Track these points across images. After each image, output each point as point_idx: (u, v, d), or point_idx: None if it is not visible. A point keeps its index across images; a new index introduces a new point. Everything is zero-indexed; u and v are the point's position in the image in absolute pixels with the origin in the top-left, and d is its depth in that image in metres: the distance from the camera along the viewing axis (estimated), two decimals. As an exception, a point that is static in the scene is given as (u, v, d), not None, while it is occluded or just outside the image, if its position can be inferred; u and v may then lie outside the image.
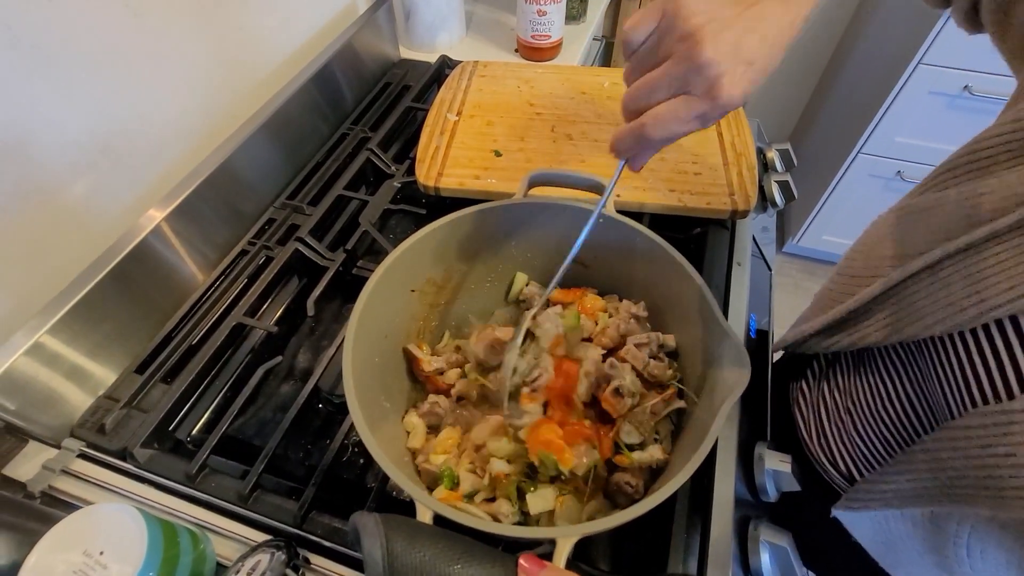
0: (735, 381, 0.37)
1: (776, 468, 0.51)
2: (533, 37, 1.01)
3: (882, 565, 0.53)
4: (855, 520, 0.51)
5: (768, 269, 0.76)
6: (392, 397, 0.49)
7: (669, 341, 0.51)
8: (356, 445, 0.55)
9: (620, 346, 0.52)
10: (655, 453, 0.46)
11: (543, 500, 0.42)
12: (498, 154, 0.72)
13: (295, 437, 0.56)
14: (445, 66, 0.96)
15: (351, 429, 0.53)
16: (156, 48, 0.63)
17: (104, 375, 0.59)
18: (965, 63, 1.27)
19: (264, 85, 0.80)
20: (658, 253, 0.49)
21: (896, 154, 1.48)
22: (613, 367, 0.48)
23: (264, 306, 0.66)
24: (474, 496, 0.44)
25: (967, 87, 1.29)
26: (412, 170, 0.73)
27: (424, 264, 0.51)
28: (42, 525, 0.39)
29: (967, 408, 0.38)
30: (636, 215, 0.67)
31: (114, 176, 0.62)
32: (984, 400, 0.36)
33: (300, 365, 0.63)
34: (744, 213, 0.66)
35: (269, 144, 0.75)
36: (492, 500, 0.44)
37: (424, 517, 0.33)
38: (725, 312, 0.61)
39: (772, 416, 0.57)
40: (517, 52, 1.08)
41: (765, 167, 0.81)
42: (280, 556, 0.44)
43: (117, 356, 0.60)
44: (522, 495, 0.43)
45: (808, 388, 0.58)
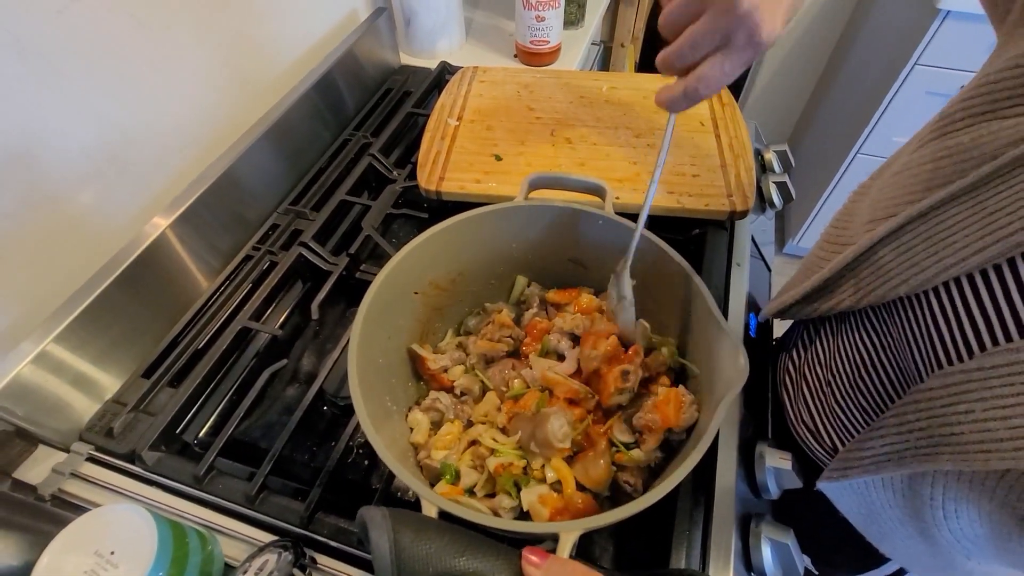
0: (733, 377, 0.38)
1: (777, 466, 0.52)
2: (532, 42, 1.02)
3: (868, 539, 0.54)
4: (839, 492, 0.52)
5: (768, 270, 0.77)
6: (396, 397, 0.50)
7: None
8: (361, 446, 0.56)
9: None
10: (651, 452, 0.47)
11: (535, 494, 0.43)
12: (498, 158, 0.73)
13: (301, 439, 0.57)
14: (445, 72, 0.97)
15: (356, 430, 0.54)
16: (161, 57, 0.64)
17: (111, 380, 0.59)
18: (961, 63, 1.28)
19: (266, 93, 0.81)
20: (656, 253, 0.50)
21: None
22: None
23: (269, 310, 0.67)
24: (474, 490, 0.44)
25: (963, 87, 1.30)
26: (414, 175, 0.74)
27: (426, 267, 0.52)
28: (53, 526, 0.40)
29: (933, 370, 0.40)
30: (634, 216, 0.68)
31: (120, 184, 0.63)
32: (949, 361, 0.38)
33: (305, 368, 0.63)
34: (743, 214, 0.66)
35: (272, 151, 0.76)
36: (493, 496, 0.45)
37: (429, 513, 0.34)
38: (724, 313, 0.62)
39: (772, 404, 0.58)
40: (516, 57, 1.09)
41: (763, 168, 0.82)
42: (287, 556, 0.45)
43: (124, 361, 0.61)
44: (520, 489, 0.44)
45: (794, 368, 0.59)
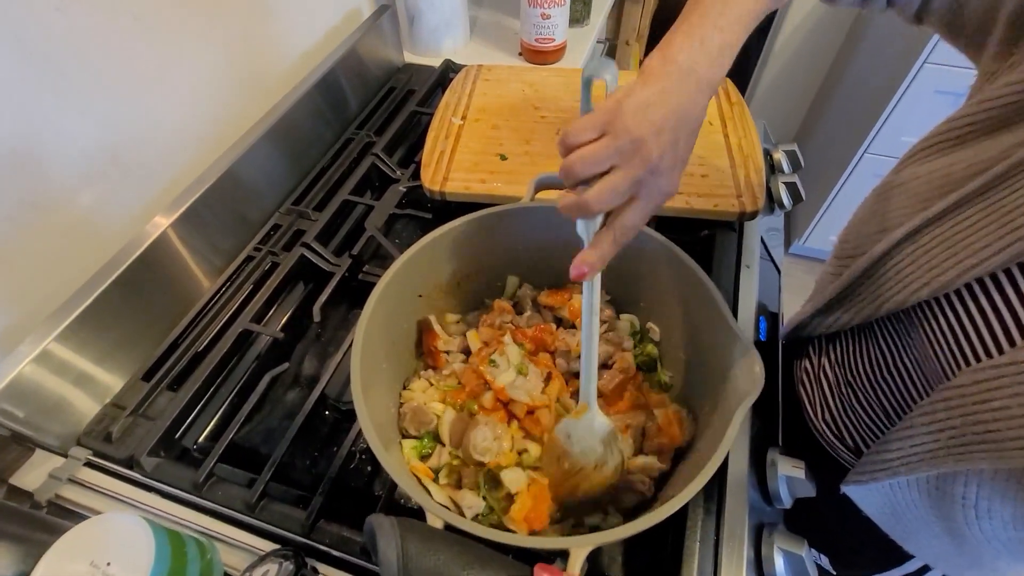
0: (748, 387, 0.37)
1: (789, 474, 0.50)
2: (537, 40, 1.01)
3: (892, 537, 0.53)
4: (863, 494, 0.51)
5: (777, 271, 0.76)
6: (399, 401, 0.49)
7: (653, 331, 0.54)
8: (363, 452, 0.54)
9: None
10: (652, 462, 0.46)
11: (516, 478, 0.42)
12: (503, 158, 0.72)
13: (302, 445, 0.56)
14: (449, 70, 0.96)
15: (358, 436, 0.53)
16: (163, 57, 0.63)
17: (111, 382, 0.58)
18: (971, 62, 1.26)
19: (269, 92, 0.80)
20: (666, 256, 0.49)
21: (901, 153, 1.47)
22: None
23: (270, 312, 0.66)
24: (438, 474, 0.44)
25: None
26: (417, 175, 0.72)
27: (431, 269, 0.51)
28: (49, 536, 0.39)
29: (960, 368, 0.39)
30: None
31: (123, 185, 0.62)
32: (976, 358, 0.38)
33: (306, 372, 0.62)
34: (752, 215, 0.65)
35: (274, 150, 0.75)
36: (458, 488, 0.44)
37: (435, 525, 0.33)
38: (734, 316, 0.61)
39: (783, 401, 0.58)
40: (521, 56, 1.07)
41: (772, 168, 0.81)
42: (288, 566, 0.44)
43: (124, 363, 0.60)
44: (496, 483, 0.43)
45: (811, 366, 0.59)
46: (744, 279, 0.64)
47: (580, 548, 0.31)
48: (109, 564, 0.37)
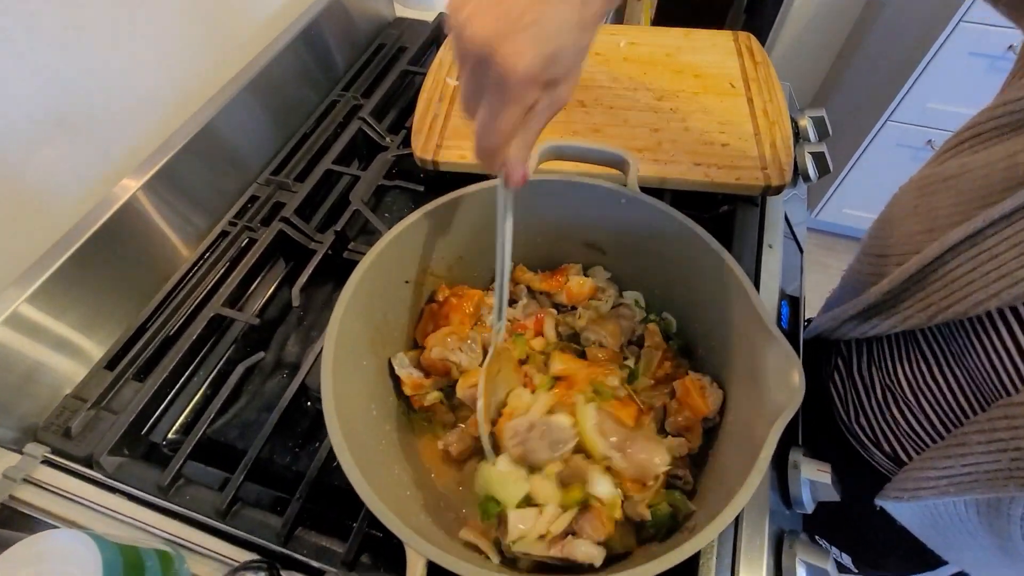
0: (784, 399, 0.31)
1: (814, 479, 0.46)
2: (541, -8, 0.92)
3: (930, 547, 0.50)
4: (901, 507, 0.47)
5: (799, 250, 0.70)
6: (382, 403, 0.44)
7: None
8: (348, 449, 0.50)
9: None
10: (679, 440, 0.41)
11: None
12: (503, 123, 0.65)
13: (281, 440, 0.51)
14: (444, 25, 0.87)
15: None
16: (118, 8, 0.55)
17: (71, 371, 0.53)
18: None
19: (243, 48, 0.72)
20: (690, 241, 0.43)
21: (928, 121, 1.39)
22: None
23: (247, 293, 0.61)
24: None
25: (1012, 47, 1.19)
26: (408, 142, 0.66)
27: (420, 251, 0.45)
28: (-12, 552, 0.35)
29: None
30: (656, 192, 0.60)
31: (75, 151, 0.55)
32: None
33: (287, 359, 0.57)
34: (778, 189, 0.59)
35: (251, 112, 0.68)
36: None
37: (416, 566, 0.28)
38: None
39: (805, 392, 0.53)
40: (523, 10, 0.98)
41: (797, 137, 0.74)
42: (262, 579, 0.40)
43: (85, 350, 0.55)
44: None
45: (844, 365, 0.54)
46: (766, 260, 0.59)
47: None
48: (52, 589, 0.33)
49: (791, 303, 0.62)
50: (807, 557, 0.43)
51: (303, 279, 0.57)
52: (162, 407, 0.52)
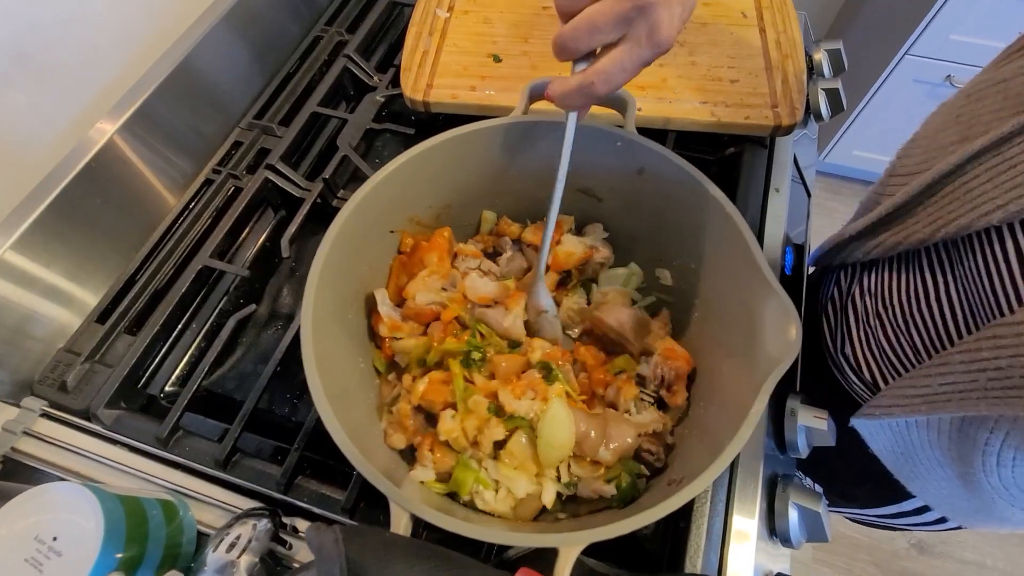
0: (779, 352, 0.31)
1: (811, 425, 0.46)
2: (538, -90, 0.84)
3: (897, 476, 0.51)
4: (875, 429, 0.48)
5: (807, 195, 0.67)
6: (369, 356, 0.43)
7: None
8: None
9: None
10: (652, 417, 0.41)
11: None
12: (497, 59, 0.61)
13: (279, 391, 0.51)
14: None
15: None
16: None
17: (62, 323, 0.53)
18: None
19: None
20: (689, 186, 0.40)
21: (949, 55, 1.31)
22: None
23: (236, 244, 0.59)
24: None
25: None
26: (397, 81, 0.62)
27: (406, 198, 0.43)
28: (-9, 504, 0.35)
29: (1020, 304, 0.34)
30: (660, 133, 0.57)
31: (43, 94, 0.52)
32: None
33: (281, 310, 0.57)
34: (788, 129, 0.56)
35: (229, 48, 0.64)
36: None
37: (400, 520, 0.28)
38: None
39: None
40: (519, -69, 0.90)
41: (810, 72, 0.69)
42: (265, 526, 0.40)
43: (75, 300, 0.54)
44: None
45: (839, 294, 0.53)
46: (772, 205, 0.56)
47: (570, 547, 0.27)
48: (56, 539, 0.33)
49: (796, 250, 0.60)
50: (800, 500, 0.44)
51: (292, 229, 0.55)
52: (156, 360, 0.52)
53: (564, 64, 0.34)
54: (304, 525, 0.43)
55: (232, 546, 0.39)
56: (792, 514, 0.44)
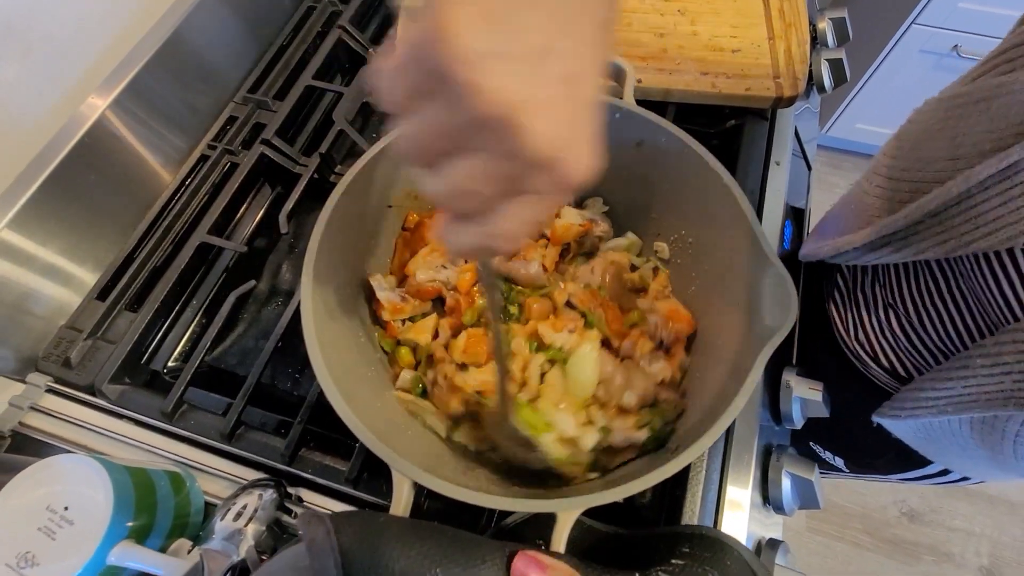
0: (776, 321, 0.31)
1: (806, 396, 0.47)
2: None
3: (923, 454, 0.52)
4: (898, 423, 0.48)
5: (808, 168, 0.67)
6: (370, 330, 0.43)
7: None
8: (346, 374, 0.51)
9: None
10: (662, 365, 0.42)
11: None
12: (494, 30, 0.60)
13: (281, 366, 0.52)
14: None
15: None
16: None
17: (62, 301, 0.53)
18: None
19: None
20: (688, 158, 0.40)
21: (958, 24, 1.28)
22: None
23: (234, 220, 0.59)
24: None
25: None
26: (393, 52, 0.61)
27: (404, 172, 0.43)
28: (2, 475, 0.36)
29: None
30: (659, 105, 0.56)
31: (31, 68, 0.51)
32: None
33: (281, 286, 0.57)
34: (790, 100, 0.55)
35: (220, 20, 0.63)
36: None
37: (402, 487, 0.28)
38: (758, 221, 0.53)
39: (802, 309, 0.53)
40: None
41: (814, 41, 0.68)
42: (271, 496, 0.42)
43: (74, 279, 0.54)
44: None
45: (845, 284, 0.53)
46: (772, 178, 0.56)
47: (568, 512, 0.27)
48: (67, 509, 0.34)
49: (795, 222, 0.60)
50: (793, 469, 0.45)
51: (289, 205, 0.55)
52: (158, 336, 0.52)
53: None
54: (309, 495, 0.44)
55: (239, 515, 0.40)
56: (785, 482, 0.45)
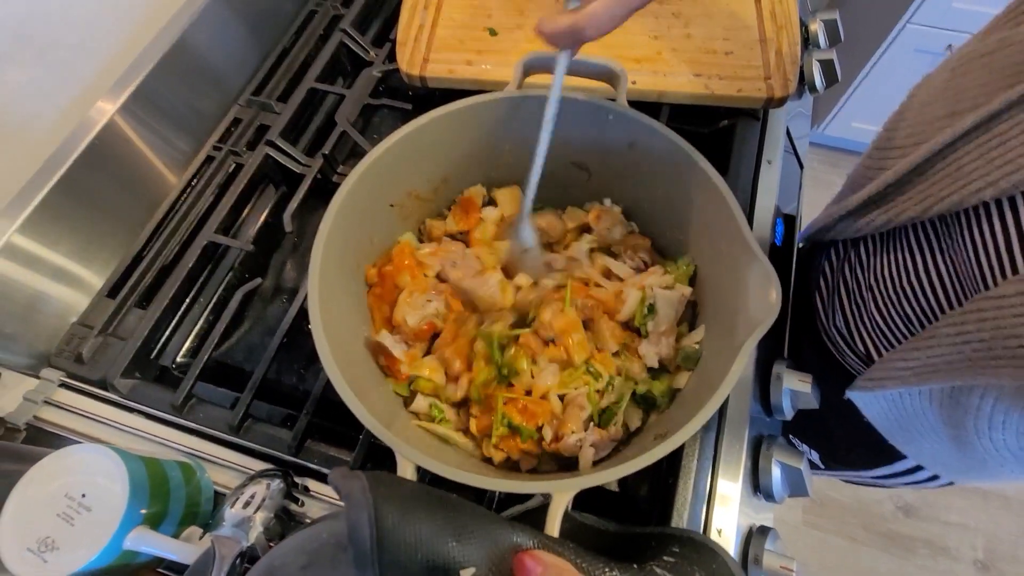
0: (760, 315, 0.32)
1: (796, 388, 0.48)
2: None
3: (892, 442, 0.53)
4: (869, 400, 0.50)
5: (799, 166, 0.68)
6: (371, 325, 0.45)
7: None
8: (350, 369, 0.52)
9: None
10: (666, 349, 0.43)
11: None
12: (493, 32, 0.61)
13: (287, 362, 0.53)
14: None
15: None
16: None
17: (72, 300, 0.55)
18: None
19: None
20: (679, 158, 0.41)
21: (953, 24, 1.29)
22: None
23: (239, 220, 0.61)
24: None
25: None
26: (394, 55, 0.62)
27: (404, 172, 0.44)
28: (20, 465, 0.38)
29: (1004, 277, 0.34)
30: (654, 107, 0.58)
31: (43, 73, 0.53)
32: None
33: (286, 284, 0.58)
34: (781, 101, 0.57)
35: (225, 24, 0.64)
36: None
37: (406, 471, 0.30)
38: (749, 219, 0.55)
39: (794, 303, 0.55)
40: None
41: (806, 43, 0.69)
42: (278, 485, 0.43)
43: (84, 279, 0.56)
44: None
45: (830, 270, 0.55)
46: (764, 176, 0.57)
47: (563, 493, 0.29)
48: (84, 496, 0.36)
49: (786, 221, 0.61)
50: (783, 458, 0.46)
51: (294, 204, 0.56)
52: (167, 332, 0.54)
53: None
54: (315, 485, 0.46)
55: (248, 504, 0.41)
56: (775, 471, 0.46)
